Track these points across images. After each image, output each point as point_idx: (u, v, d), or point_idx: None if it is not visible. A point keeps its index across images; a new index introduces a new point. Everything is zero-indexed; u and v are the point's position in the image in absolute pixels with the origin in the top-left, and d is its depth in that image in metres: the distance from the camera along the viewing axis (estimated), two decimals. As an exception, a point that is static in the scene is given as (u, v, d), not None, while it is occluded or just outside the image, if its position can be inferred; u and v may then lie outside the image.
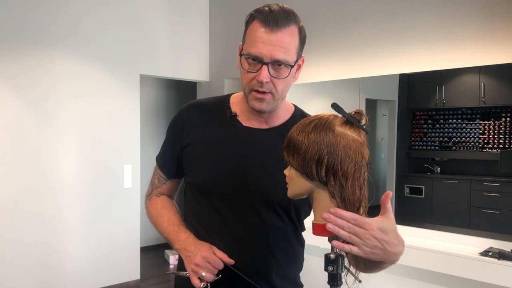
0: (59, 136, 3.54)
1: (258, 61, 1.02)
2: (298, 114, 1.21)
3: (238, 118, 1.17)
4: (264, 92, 1.05)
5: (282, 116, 1.18)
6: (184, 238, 1.13)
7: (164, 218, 1.21)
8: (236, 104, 1.19)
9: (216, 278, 1.06)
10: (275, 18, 1.01)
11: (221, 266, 1.06)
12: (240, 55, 1.07)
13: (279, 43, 1.02)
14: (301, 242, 1.25)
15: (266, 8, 1.03)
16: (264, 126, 1.17)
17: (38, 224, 3.43)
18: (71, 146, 3.60)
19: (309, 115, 1.14)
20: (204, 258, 1.05)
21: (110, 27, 3.80)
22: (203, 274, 1.04)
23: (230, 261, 1.07)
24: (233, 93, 1.24)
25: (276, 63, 1.03)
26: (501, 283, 2.19)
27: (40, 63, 3.44)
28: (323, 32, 3.36)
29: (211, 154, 1.16)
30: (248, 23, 1.07)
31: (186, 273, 1.08)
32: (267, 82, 1.04)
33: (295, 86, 4.07)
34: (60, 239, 3.55)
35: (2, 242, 3.27)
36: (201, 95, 4.52)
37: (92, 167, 3.71)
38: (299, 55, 1.10)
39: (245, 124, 1.16)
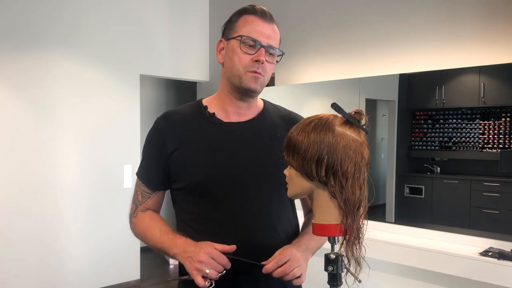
0: (59, 136, 3.54)
1: (257, 44, 1.15)
2: (268, 103, 1.32)
3: (217, 117, 1.22)
4: (259, 73, 1.16)
5: (257, 108, 1.28)
6: (181, 242, 1.11)
7: (155, 230, 1.18)
8: (211, 105, 1.25)
9: (221, 274, 1.04)
10: (269, 14, 1.20)
11: (225, 260, 1.05)
12: (239, 37, 1.16)
13: (272, 33, 1.19)
14: (297, 222, 1.31)
15: (257, 6, 1.19)
16: (243, 119, 1.23)
17: (38, 224, 3.43)
18: (71, 146, 3.60)
19: (277, 105, 1.33)
20: (207, 254, 1.04)
21: (110, 27, 3.80)
22: (207, 271, 1.02)
23: (232, 248, 1.06)
24: (202, 99, 1.30)
25: (270, 49, 1.17)
26: (501, 283, 2.19)
27: (40, 63, 3.44)
28: (323, 32, 3.36)
29: (203, 153, 1.18)
30: (237, 17, 1.20)
31: (188, 276, 1.06)
32: (262, 63, 1.15)
33: (295, 86, 4.06)
34: (60, 239, 3.55)
35: (2, 242, 3.27)
36: (201, 95, 4.53)
37: (92, 167, 3.71)
38: None
39: (225, 120, 1.22)
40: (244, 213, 1.16)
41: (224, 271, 1.05)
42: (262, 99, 1.32)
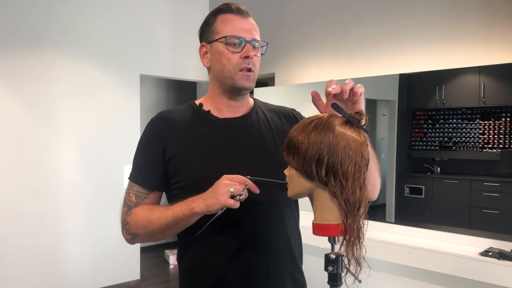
0: (59, 136, 3.54)
1: (240, 42, 1.15)
2: (257, 100, 1.34)
3: (213, 113, 1.24)
4: (250, 69, 1.16)
5: (248, 104, 1.29)
6: (195, 197, 1.06)
7: (160, 209, 1.13)
8: (204, 104, 1.26)
9: (245, 187, 1.02)
10: (243, 9, 1.18)
11: (244, 178, 1.03)
12: (223, 38, 1.15)
13: (252, 26, 1.18)
14: (298, 215, 1.32)
15: (232, 5, 1.18)
16: (238, 115, 1.25)
17: (38, 224, 3.43)
18: (71, 146, 3.60)
19: (266, 102, 1.34)
20: (226, 179, 1.02)
21: (110, 27, 3.80)
22: (231, 189, 1.00)
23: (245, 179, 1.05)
24: (193, 100, 1.31)
25: (255, 42, 1.17)
26: (501, 283, 2.19)
27: (40, 63, 3.44)
28: (323, 33, 3.36)
29: (202, 149, 1.18)
30: (213, 18, 1.19)
31: (217, 212, 1.01)
32: (252, 58, 1.15)
33: (295, 86, 4.06)
34: (60, 239, 3.55)
35: (2, 242, 3.27)
36: (201, 95, 4.52)
37: (92, 167, 3.71)
38: None
39: (221, 117, 1.23)
40: (250, 210, 1.16)
41: (247, 185, 1.03)
42: (250, 97, 1.34)
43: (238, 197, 1.01)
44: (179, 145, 1.19)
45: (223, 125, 1.22)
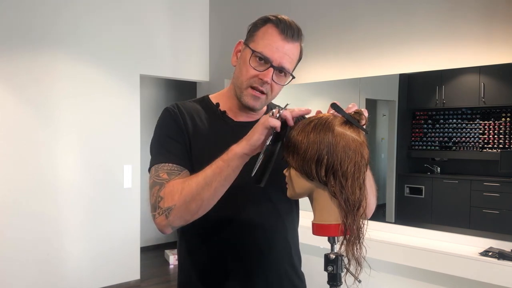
0: (60, 136, 3.54)
1: (266, 62, 1.10)
2: (272, 104, 1.32)
3: (228, 115, 1.22)
4: (261, 92, 1.12)
5: (264, 108, 1.27)
6: (238, 143, 0.99)
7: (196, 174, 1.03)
8: (220, 103, 1.24)
9: (282, 108, 0.96)
10: (292, 30, 1.13)
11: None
12: (252, 51, 1.12)
13: (289, 52, 1.13)
14: (298, 220, 1.33)
15: (285, 19, 1.13)
16: (252, 119, 1.22)
17: (39, 224, 3.43)
18: (71, 146, 3.60)
19: (279, 105, 1.30)
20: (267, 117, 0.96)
21: (110, 27, 3.80)
22: (271, 113, 0.95)
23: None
24: (208, 95, 1.29)
25: (281, 70, 1.12)
26: (501, 283, 2.19)
27: (40, 64, 3.44)
28: (324, 32, 3.36)
29: (211, 150, 1.13)
30: (261, 24, 1.14)
31: (266, 147, 0.96)
32: (268, 84, 1.11)
33: (296, 86, 4.07)
34: (60, 239, 3.55)
35: (3, 241, 3.27)
36: (201, 95, 4.52)
37: (92, 167, 3.71)
38: (293, 70, 1.19)
39: (235, 119, 1.21)
40: (255, 216, 1.17)
41: (283, 109, 0.98)
42: None
43: (278, 115, 0.95)
44: (194, 138, 1.16)
45: (236, 128, 1.18)
